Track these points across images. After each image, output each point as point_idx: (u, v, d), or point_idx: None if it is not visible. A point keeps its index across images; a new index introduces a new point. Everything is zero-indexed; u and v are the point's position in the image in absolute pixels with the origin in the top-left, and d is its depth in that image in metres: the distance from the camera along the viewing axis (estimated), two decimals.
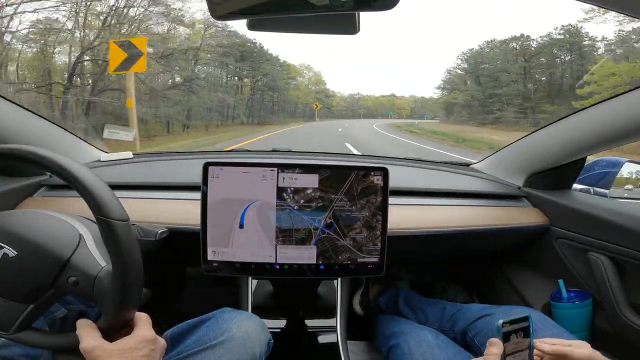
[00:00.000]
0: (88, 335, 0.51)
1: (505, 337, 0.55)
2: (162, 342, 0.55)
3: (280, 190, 0.81)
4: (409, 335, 0.84)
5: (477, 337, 0.83)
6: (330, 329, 0.89)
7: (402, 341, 0.84)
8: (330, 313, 0.91)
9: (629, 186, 1.23)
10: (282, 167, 0.81)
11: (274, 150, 1.35)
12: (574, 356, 0.55)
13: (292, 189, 0.81)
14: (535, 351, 0.58)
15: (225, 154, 1.57)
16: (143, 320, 0.55)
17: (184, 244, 0.85)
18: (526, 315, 0.56)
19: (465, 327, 0.87)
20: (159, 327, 0.64)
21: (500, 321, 0.55)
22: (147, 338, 0.53)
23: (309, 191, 0.81)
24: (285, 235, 0.81)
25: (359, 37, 0.51)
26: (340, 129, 16.05)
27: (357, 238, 0.83)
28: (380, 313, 1.10)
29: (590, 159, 1.07)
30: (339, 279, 0.92)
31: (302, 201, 0.81)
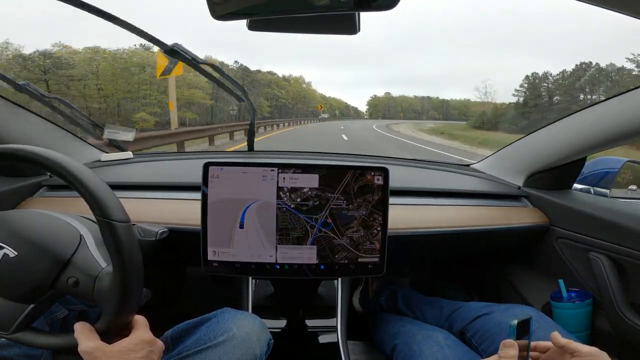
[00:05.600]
0: (86, 337, 0.51)
1: (517, 338, 0.55)
2: (160, 344, 0.55)
3: (278, 189, 0.81)
4: (419, 335, 0.83)
5: (474, 337, 0.83)
6: (330, 329, 0.89)
7: (410, 340, 0.83)
8: (330, 313, 0.91)
9: (633, 187, 1.23)
10: (282, 167, 0.81)
11: (273, 151, 1.36)
12: (583, 349, 0.54)
13: (289, 187, 0.81)
14: (532, 353, 0.58)
15: (225, 154, 1.58)
16: (141, 323, 0.55)
17: (184, 244, 0.85)
18: (530, 317, 0.56)
19: (463, 327, 0.87)
20: (159, 327, 0.64)
21: (515, 321, 0.54)
22: (145, 340, 0.53)
23: (305, 190, 0.81)
24: (282, 234, 0.81)
25: None
26: None
27: (354, 237, 0.83)
28: (380, 311, 1.10)
29: (590, 158, 1.07)
30: (339, 279, 0.92)
31: (298, 200, 0.81)
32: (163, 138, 6.63)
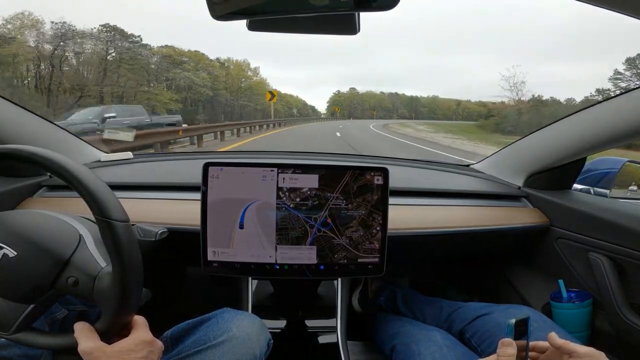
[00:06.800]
0: (86, 337, 0.51)
1: (515, 337, 0.55)
2: (159, 344, 0.55)
3: (278, 189, 0.81)
4: (419, 335, 0.83)
5: (473, 337, 0.83)
6: (330, 329, 0.89)
7: (409, 341, 0.83)
8: (330, 313, 0.91)
9: (633, 187, 1.23)
10: (282, 168, 0.81)
11: (274, 151, 1.36)
12: (581, 350, 0.54)
13: (289, 187, 0.81)
14: (531, 353, 0.58)
15: (225, 154, 1.58)
16: (140, 323, 0.55)
17: (184, 244, 0.85)
18: (528, 317, 0.56)
19: (462, 327, 0.87)
20: (159, 328, 0.64)
21: (513, 320, 0.54)
22: (145, 340, 0.53)
23: (304, 189, 0.81)
24: (281, 234, 0.81)
25: None
26: None
27: (353, 236, 0.83)
28: (380, 311, 1.10)
29: (590, 159, 1.07)
30: (339, 279, 0.92)
31: (298, 199, 0.81)
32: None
